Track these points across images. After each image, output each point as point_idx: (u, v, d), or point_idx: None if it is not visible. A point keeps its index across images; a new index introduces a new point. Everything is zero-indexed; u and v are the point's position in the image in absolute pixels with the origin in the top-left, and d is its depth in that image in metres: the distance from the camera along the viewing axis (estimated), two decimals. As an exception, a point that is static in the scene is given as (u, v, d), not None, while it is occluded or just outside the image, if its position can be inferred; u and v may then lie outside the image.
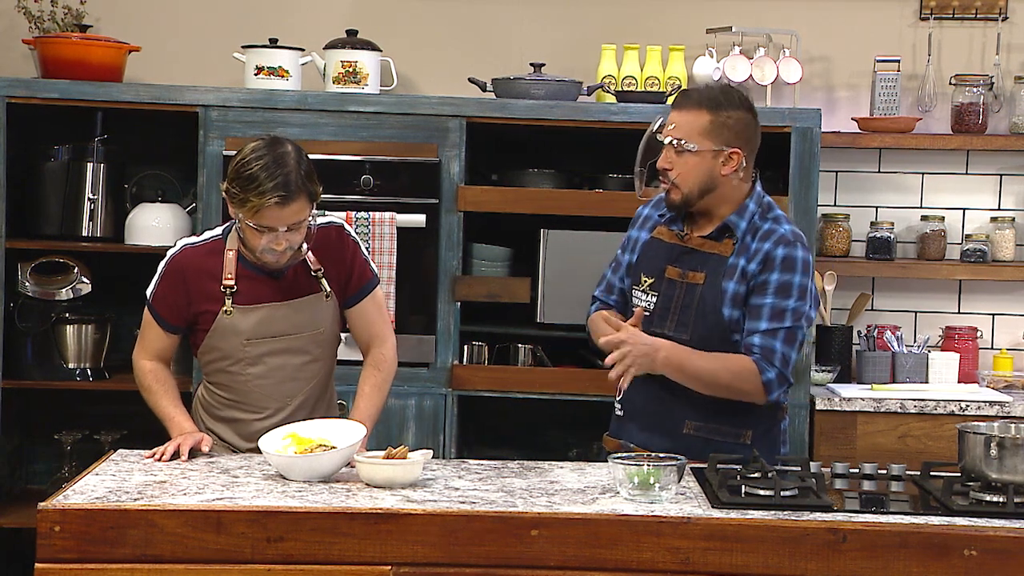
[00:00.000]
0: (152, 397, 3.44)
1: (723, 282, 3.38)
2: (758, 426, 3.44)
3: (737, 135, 3.38)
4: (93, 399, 5.00)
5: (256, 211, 3.25)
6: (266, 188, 3.23)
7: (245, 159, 3.27)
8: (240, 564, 2.75)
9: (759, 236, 3.40)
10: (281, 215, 3.26)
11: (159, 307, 3.45)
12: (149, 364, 3.48)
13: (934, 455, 4.38)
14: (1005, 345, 5.10)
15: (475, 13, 5.14)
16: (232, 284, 3.39)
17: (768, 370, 3.32)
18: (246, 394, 3.47)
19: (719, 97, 3.40)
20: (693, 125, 3.36)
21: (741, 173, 3.41)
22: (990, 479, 2.98)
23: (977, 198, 5.12)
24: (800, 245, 3.40)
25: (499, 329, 4.74)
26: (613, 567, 2.77)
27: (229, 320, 3.41)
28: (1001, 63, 5.06)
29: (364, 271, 3.51)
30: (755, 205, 3.44)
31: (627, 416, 3.50)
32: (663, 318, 3.43)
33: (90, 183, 4.83)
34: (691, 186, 3.38)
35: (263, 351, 3.44)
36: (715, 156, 3.37)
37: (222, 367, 3.47)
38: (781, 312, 3.34)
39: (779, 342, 3.33)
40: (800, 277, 3.37)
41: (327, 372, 3.56)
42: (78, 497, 2.83)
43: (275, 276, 3.42)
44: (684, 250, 3.45)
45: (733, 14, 5.02)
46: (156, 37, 5.08)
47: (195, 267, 3.42)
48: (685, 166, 3.37)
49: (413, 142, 4.58)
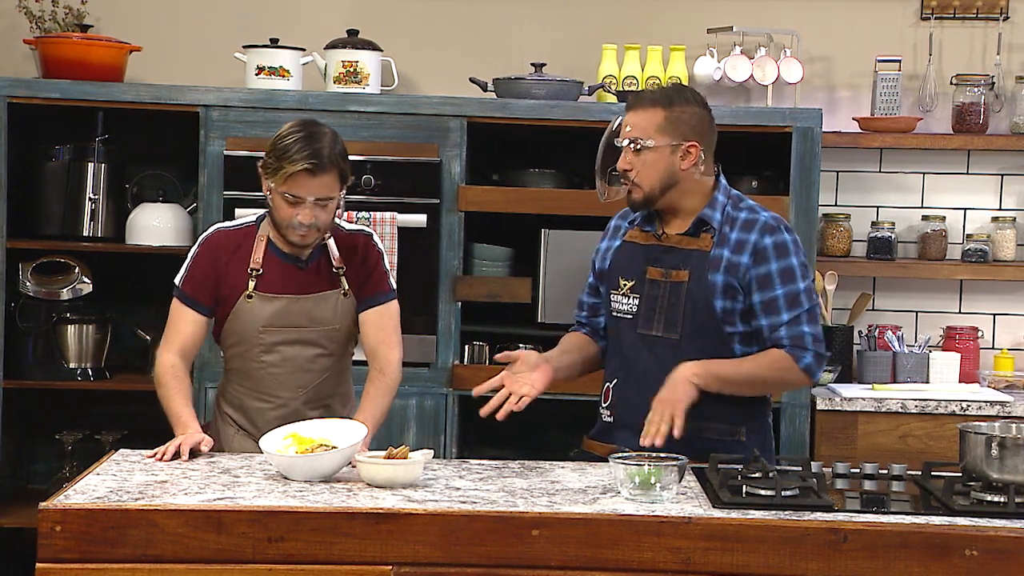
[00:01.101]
0: (165, 392, 3.45)
1: (709, 275, 3.39)
2: (751, 423, 3.45)
3: (692, 129, 3.41)
4: (94, 399, 5.00)
5: (287, 177, 3.36)
6: (298, 156, 3.35)
7: (282, 133, 3.42)
8: (241, 564, 2.75)
9: (739, 226, 3.42)
10: (311, 184, 3.37)
11: (190, 288, 3.50)
12: (171, 360, 3.48)
13: (935, 455, 4.37)
14: (1006, 345, 5.09)
15: (476, 13, 5.14)
16: (259, 268, 3.49)
17: (803, 356, 3.37)
18: (259, 381, 3.55)
19: (671, 94, 3.45)
20: (649, 122, 3.40)
21: (701, 167, 3.43)
22: (991, 479, 2.98)
23: (978, 198, 5.12)
24: (784, 228, 3.44)
25: (500, 329, 4.74)
26: (614, 567, 2.77)
27: (249, 306, 3.49)
28: (1002, 63, 5.06)
29: (382, 281, 3.59)
30: (724, 197, 3.46)
31: (618, 421, 3.49)
32: (648, 319, 3.43)
33: (91, 183, 4.84)
34: (652, 183, 3.40)
35: (277, 340, 3.51)
36: (672, 151, 3.39)
37: (239, 352, 3.55)
38: (795, 297, 3.39)
39: (805, 325, 3.39)
40: (796, 258, 3.41)
41: (340, 368, 3.62)
42: (79, 497, 2.83)
43: (300, 266, 3.51)
44: (663, 249, 3.46)
45: (734, 14, 5.02)
46: (157, 37, 5.08)
47: (227, 248, 3.52)
48: (644, 164, 3.39)
49: (414, 142, 4.58)
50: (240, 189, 4.54)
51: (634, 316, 3.45)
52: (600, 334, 3.61)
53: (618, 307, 3.49)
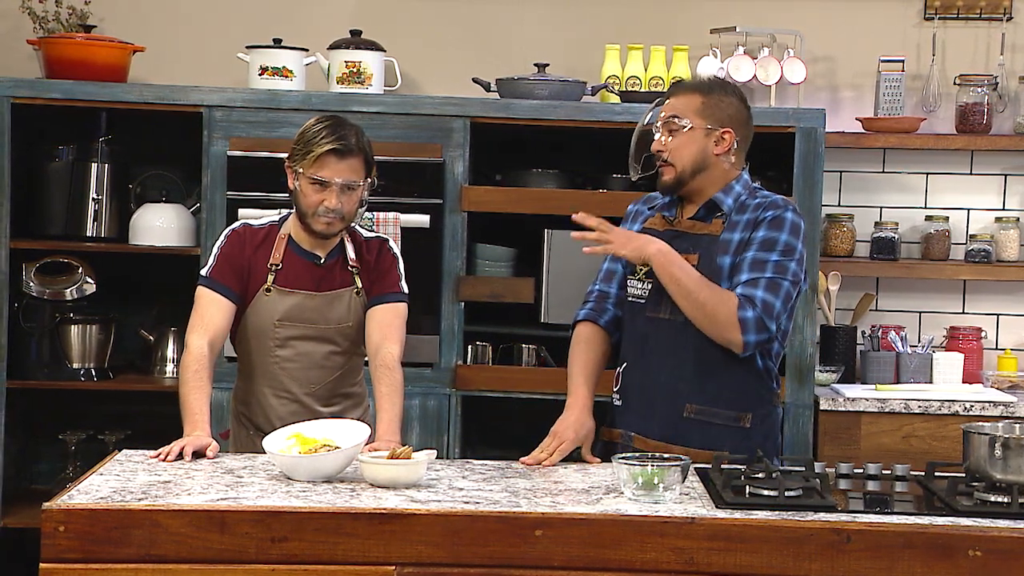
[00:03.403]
0: (186, 387, 3.42)
1: (718, 258, 3.39)
2: (757, 410, 3.44)
3: (730, 117, 3.46)
4: (97, 399, 5.01)
5: (316, 159, 3.44)
6: (326, 139, 3.45)
7: (308, 125, 3.51)
8: (244, 564, 2.75)
9: (749, 209, 3.44)
10: (338, 167, 3.45)
11: (219, 275, 3.53)
12: (201, 348, 3.45)
13: (938, 455, 4.37)
14: (1009, 345, 5.09)
15: (479, 13, 5.14)
16: (278, 264, 3.55)
17: (747, 308, 3.31)
18: (272, 376, 3.59)
19: (711, 83, 3.57)
20: (687, 106, 3.46)
21: (732, 157, 3.46)
22: (994, 479, 2.98)
23: (981, 198, 5.12)
24: (791, 209, 3.43)
25: (503, 329, 4.74)
26: (617, 567, 2.77)
27: (267, 299, 3.56)
28: (1006, 63, 5.06)
29: (395, 283, 3.64)
30: (741, 188, 3.48)
31: (625, 405, 3.51)
32: (657, 303, 3.44)
33: (94, 183, 4.84)
34: (684, 163, 3.43)
35: (292, 334, 3.57)
36: (707, 135, 3.44)
37: (254, 347, 3.59)
38: (762, 263, 3.35)
39: (760, 290, 3.32)
40: (787, 236, 3.38)
41: (352, 367, 3.67)
42: (82, 497, 2.83)
43: (317, 263, 3.57)
44: (674, 234, 3.48)
45: (737, 14, 5.02)
46: (160, 37, 5.08)
47: (252, 242, 3.59)
48: (678, 144, 3.43)
49: (417, 142, 4.58)
50: (243, 189, 4.55)
51: (646, 300, 3.46)
52: (606, 322, 3.60)
53: (633, 291, 3.51)
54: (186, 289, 3.67)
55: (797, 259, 3.38)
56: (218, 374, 3.61)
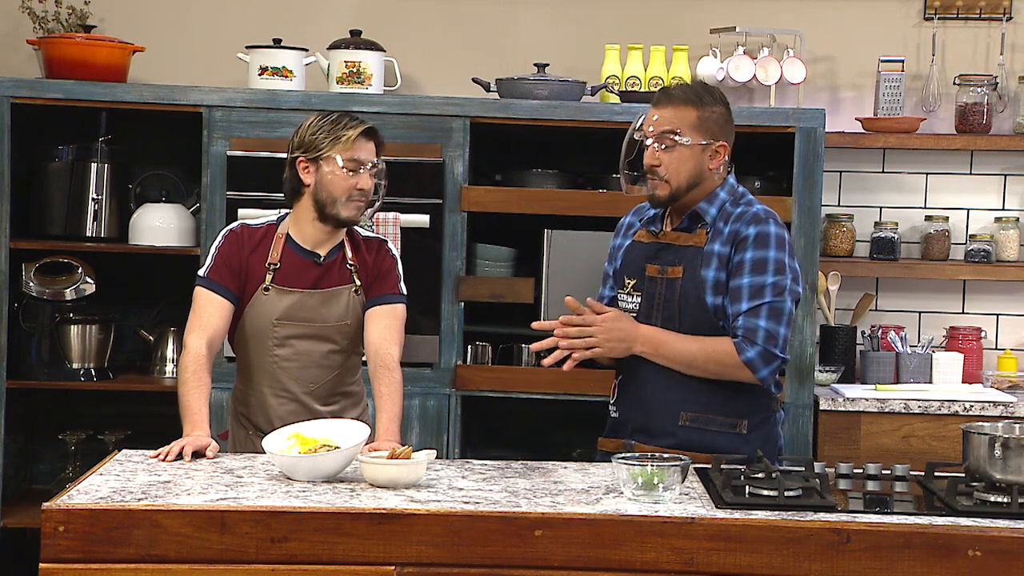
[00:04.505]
0: (185, 388, 3.42)
1: (701, 271, 3.39)
2: (752, 416, 3.44)
3: (720, 128, 3.44)
4: (97, 399, 5.01)
5: (351, 142, 3.50)
6: (351, 124, 3.52)
7: (314, 119, 3.55)
8: (244, 564, 2.75)
9: (732, 219, 3.43)
10: (369, 147, 3.54)
11: (216, 275, 3.53)
12: (199, 348, 3.46)
13: (938, 455, 4.38)
14: (1009, 345, 5.09)
15: (479, 13, 5.14)
16: (276, 263, 3.56)
17: (747, 349, 3.33)
18: (271, 375, 3.59)
19: (701, 93, 3.46)
20: (683, 120, 3.41)
21: (722, 168, 3.46)
22: (994, 479, 2.98)
23: (981, 198, 5.12)
24: (772, 221, 3.41)
25: (503, 329, 4.74)
26: (617, 567, 2.77)
27: (266, 298, 3.56)
28: (1005, 63, 5.06)
29: (394, 284, 3.64)
30: (726, 194, 3.46)
31: (622, 415, 3.51)
32: (648, 316, 3.45)
33: (94, 183, 4.84)
34: (680, 180, 3.41)
35: (291, 333, 3.57)
36: (703, 150, 3.41)
37: (252, 346, 3.59)
38: (760, 289, 3.35)
39: (762, 319, 3.34)
40: (775, 252, 3.37)
41: (351, 366, 3.67)
42: (82, 497, 2.83)
43: (316, 262, 3.57)
44: (660, 247, 3.48)
45: (737, 14, 5.02)
46: (160, 37, 5.08)
47: (250, 242, 3.59)
48: (675, 160, 3.40)
49: (417, 142, 4.58)
50: (243, 189, 4.55)
51: (637, 314, 3.46)
52: None
53: (624, 306, 3.52)
54: (186, 289, 3.66)
55: (790, 275, 3.40)
56: (217, 374, 3.62)
